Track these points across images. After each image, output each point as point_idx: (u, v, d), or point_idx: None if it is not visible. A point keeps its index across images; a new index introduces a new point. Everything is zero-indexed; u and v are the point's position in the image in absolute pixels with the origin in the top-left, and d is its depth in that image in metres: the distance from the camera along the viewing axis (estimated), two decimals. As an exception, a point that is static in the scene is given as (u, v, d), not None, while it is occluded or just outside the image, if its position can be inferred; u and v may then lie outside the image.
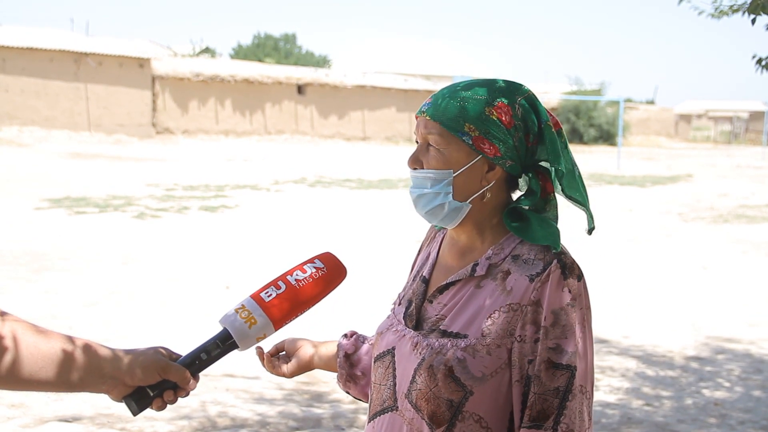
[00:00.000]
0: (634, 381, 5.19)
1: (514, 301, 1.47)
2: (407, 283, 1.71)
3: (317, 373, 5.13)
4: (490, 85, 1.53)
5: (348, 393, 1.81)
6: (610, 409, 4.66)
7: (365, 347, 1.76)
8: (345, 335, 1.80)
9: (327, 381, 5.02)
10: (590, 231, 1.59)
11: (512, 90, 1.52)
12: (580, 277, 1.47)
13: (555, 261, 1.46)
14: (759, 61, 4.23)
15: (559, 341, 1.44)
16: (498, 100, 1.50)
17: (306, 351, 1.78)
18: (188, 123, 30.41)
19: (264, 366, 1.76)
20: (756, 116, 54.85)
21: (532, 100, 1.54)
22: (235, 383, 4.87)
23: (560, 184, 1.55)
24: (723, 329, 6.56)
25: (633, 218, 13.23)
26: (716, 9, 4.53)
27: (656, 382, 5.18)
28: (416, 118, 1.56)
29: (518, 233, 1.51)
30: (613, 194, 16.75)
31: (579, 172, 1.56)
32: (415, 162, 1.53)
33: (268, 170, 19.49)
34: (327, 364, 1.77)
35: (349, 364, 1.75)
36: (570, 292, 1.45)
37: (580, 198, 1.55)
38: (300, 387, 4.91)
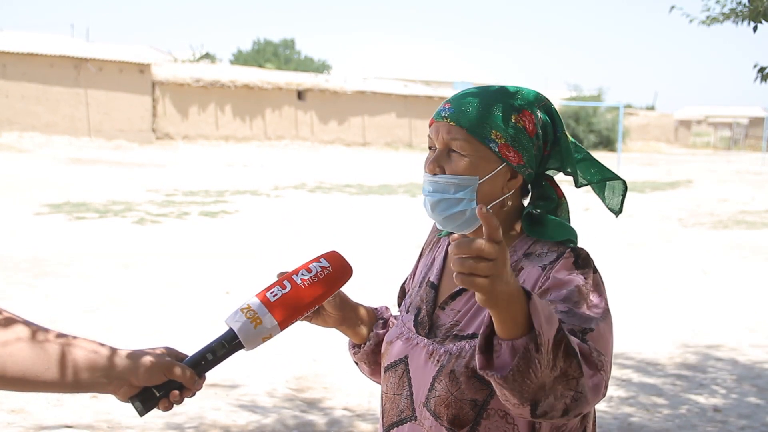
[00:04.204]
0: (633, 388, 5.18)
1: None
2: (411, 289, 1.69)
3: (309, 380, 5.13)
4: (513, 92, 1.52)
5: (357, 366, 1.79)
6: (608, 417, 4.66)
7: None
8: (382, 319, 1.73)
9: (319, 387, 5.02)
10: (620, 210, 1.59)
11: (533, 98, 1.52)
12: (595, 269, 1.46)
13: (568, 251, 1.46)
14: (761, 70, 4.23)
15: (569, 305, 1.38)
16: (522, 107, 1.49)
17: (345, 306, 1.67)
18: (188, 128, 30.43)
19: None
20: (756, 122, 54.90)
21: (549, 108, 1.54)
22: (227, 391, 4.87)
23: (585, 179, 1.56)
24: (723, 335, 6.55)
25: (633, 224, 13.23)
26: (707, 17, 4.53)
27: (656, 389, 5.17)
28: (431, 122, 1.54)
29: (535, 235, 1.51)
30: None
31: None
32: (436, 167, 1.51)
33: (268, 176, 19.50)
34: (352, 332, 1.70)
35: (375, 352, 1.71)
36: (585, 278, 1.42)
37: (611, 175, 1.56)
38: (293, 394, 4.90)
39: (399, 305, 1.77)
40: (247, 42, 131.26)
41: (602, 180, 1.57)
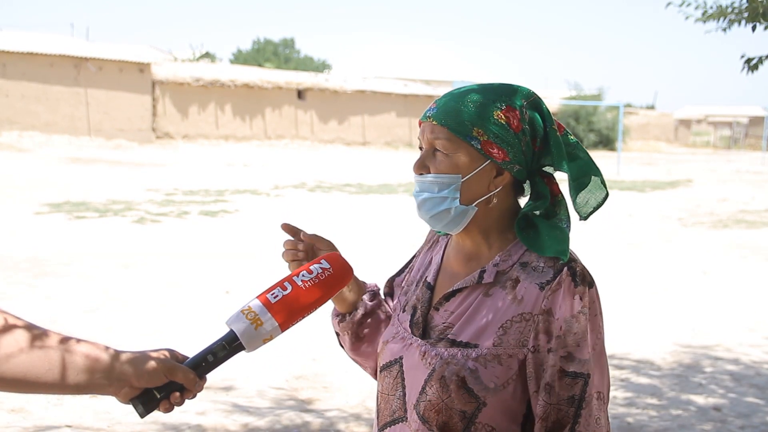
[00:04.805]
0: (632, 388, 5.19)
1: (526, 310, 1.45)
2: (407, 287, 1.68)
3: (309, 380, 5.13)
4: (496, 89, 1.51)
5: (339, 341, 1.77)
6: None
7: (380, 315, 1.72)
8: (372, 292, 1.74)
9: (318, 387, 5.02)
10: (586, 217, 1.57)
11: (519, 94, 1.51)
12: (591, 284, 1.46)
13: (565, 269, 1.45)
14: (748, 61, 4.21)
15: (570, 350, 1.43)
16: (506, 104, 1.48)
17: None
18: (188, 128, 30.43)
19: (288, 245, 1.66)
20: (755, 121, 54.91)
21: (537, 104, 1.52)
22: (226, 391, 4.87)
23: (577, 180, 1.53)
24: (722, 335, 6.56)
25: (633, 223, 13.23)
26: (703, 13, 4.52)
27: (655, 388, 5.18)
28: (420, 123, 1.54)
29: (527, 243, 1.50)
30: (613, 199, 16.76)
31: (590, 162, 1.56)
32: (422, 167, 1.51)
33: (268, 175, 19.50)
34: (338, 299, 1.70)
35: (361, 323, 1.71)
36: (581, 299, 1.44)
37: (600, 182, 1.54)
38: (292, 394, 4.90)
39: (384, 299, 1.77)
40: (246, 41, 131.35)
41: (587, 179, 1.54)
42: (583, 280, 1.45)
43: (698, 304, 7.63)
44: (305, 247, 1.66)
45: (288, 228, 1.70)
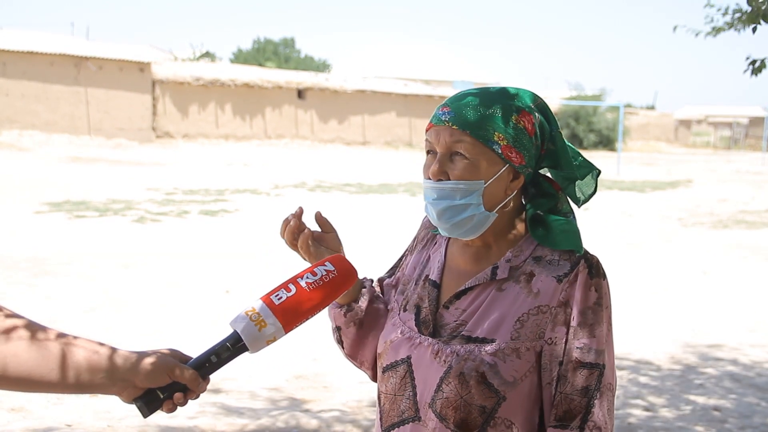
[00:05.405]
0: (632, 388, 5.19)
1: (543, 303, 1.46)
2: (403, 286, 1.66)
3: (309, 380, 5.13)
4: (510, 93, 1.52)
5: (339, 336, 1.72)
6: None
7: (380, 304, 1.69)
8: (370, 279, 1.72)
9: (318, 387, 5.02)
10: (581, 202, 1.59)
11: (530, 98, 1.53)
12: (605, 276, 1.48)
13: (582, 261, 1.47)
14: (753, 63, 4.21)
15: (587, 340, 1.45)
16: (522, 108, 1.50)
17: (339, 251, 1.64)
18: (188, 127, 30.42)
19: (287, 231, 1.65)
20: (756, 122, 54.91)
21: (544, 108, 1.54)
22: (226, 391, 4.87)
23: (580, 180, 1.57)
24: (723, 335, 6.56)
25: (633, 223, 13.23)
26: (713, 28, 4.52)
27: (655, 388, 5.18)
28: (429, 126, 1.52)
29: (539, 239, 1.51)
30: (613, 199, 16.76)
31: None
32: (440, 173, 1.49)
33: (268, 174, 19.50)
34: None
35: (368, 312, 1.67)
36: (597, 291, 1.46)
37: (587, 170, 1.57)
38: (292, 395, 4.90)
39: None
40: (247, 41, 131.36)
41: (582, 177, 1.58)
42: (598, 272, 1.47)
43: (698, 304, 7.63)
44: (309, 230, 1.66)
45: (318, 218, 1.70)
